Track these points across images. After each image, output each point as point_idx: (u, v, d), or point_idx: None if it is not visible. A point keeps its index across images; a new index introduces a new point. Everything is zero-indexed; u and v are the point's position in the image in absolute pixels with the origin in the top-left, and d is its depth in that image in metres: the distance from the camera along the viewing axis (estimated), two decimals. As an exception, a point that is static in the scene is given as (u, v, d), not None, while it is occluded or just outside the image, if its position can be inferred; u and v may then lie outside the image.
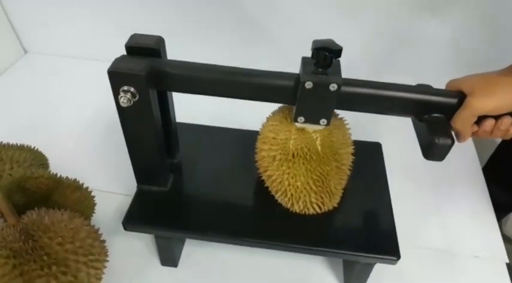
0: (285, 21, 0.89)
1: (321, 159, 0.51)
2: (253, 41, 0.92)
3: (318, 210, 0.55)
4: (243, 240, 0.54)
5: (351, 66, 0.58)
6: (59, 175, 0.60)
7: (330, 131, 0.51)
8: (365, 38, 0.88)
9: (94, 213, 0.63)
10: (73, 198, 0.60)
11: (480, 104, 0.43)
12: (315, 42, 0.44)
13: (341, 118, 0.54)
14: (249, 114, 0.66)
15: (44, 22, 0.99)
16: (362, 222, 0.56)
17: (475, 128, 0.46)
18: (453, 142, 0.44)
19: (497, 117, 0.45)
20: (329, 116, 0.48)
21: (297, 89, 0.46)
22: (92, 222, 0.61)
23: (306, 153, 0.50)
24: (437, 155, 0.46)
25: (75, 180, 0.60)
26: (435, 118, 0.47)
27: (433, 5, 0.82)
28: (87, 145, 0.80)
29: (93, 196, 0.63)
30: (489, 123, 0.45)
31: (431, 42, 0.88)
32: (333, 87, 0.45)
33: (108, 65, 0.45)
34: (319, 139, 0.51)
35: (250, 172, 0.60)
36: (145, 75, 0.45)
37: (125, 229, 0.54)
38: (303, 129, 0.51)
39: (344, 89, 0.46)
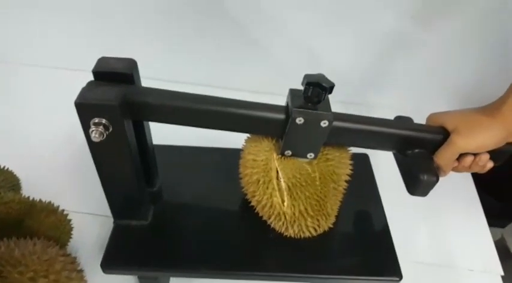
0: (272, 29, 0.86)
1: (316, 181, 0.49)
2: (240, 49, 0.88)
3: (314, 233, 0.53)
4: (238, 274, 0.51)
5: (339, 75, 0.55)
6: (32, 197, 0.56)
7: (323, 148, 0.50)
8: (353, 47, 0.86)
9: (71, 238, 0.59)
10: (47, 223, 0.56)
11: (464, 143, 0.46)
12: (306, 77, 0.43)
13: None
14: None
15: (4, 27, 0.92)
16: (359, 243, 0.54)
17: (455, 163, 0.49)
18: (437, 179, 0.46)
19: (475, 154, 0.48)
20: (317, 150, 0.48)
21: (286, 123, 0.45)
22: (69, 249, 0.57)
23: (300, 180, 0.48)
24: (421, 191, 0.48)
25: (49, 202, 0.57)
26: (419, 153, 0.48)
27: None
28: (63, 163, 0.75)
29: (70, 220, 0.59)
30: (469, 160, 0.48)
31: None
32: (324, 123, 0.44)
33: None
34: (314, 161, 0.49)
35: (237, 195, 0.57)
36: (119, 105, 0.41)
37: (104, 272, 0.50)
38: (283, 158, 0.49)
39: (334, 124, 0.45)
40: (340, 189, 0.52)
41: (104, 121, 0.42)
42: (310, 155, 0.48)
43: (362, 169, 0.63)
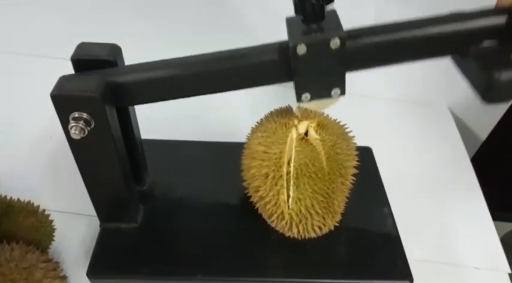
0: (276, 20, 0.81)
1: (326, 176, 0.45)
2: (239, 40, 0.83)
3: (319, 233, 0.49)
4: (238, 280, 0.47)
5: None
6: (8, 196, 0.52)
7: (334, 142, 0.46)
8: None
9: (53, 240, 0.55)
10: (27, 226, 0.52)
11: None
12: None
13: (343, 125, 0.49)
14: (226, 123, 0.60)
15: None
16: (366, 243, 0.51)
17: None
18: None
19: None
20: (342, 82, 0.39)
21: (289, 58, 0.37)
22: (51, 253, 0.53)
23: (311, 170, 0.44)
24: (501, 95, 0.35)
25: (28, 202, 0.53)
26: (485, 48, 0.36)
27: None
28: (43, 158, 0.70)
29: (52, 221, 0.55)
30: None
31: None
32: (335, 44, 0.35)
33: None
34: (323, 151, 0.45)
35: (235, 192, 0.54)
36: (100, 96, 0.37)
37: (91, 280, 0.46)
38: (305, 140, 0.45)
39: (351, 43, 0.36)
40: (347, 183, 0.48)
41: (84, 115, 0.38)
42: (336, 92, 0.39)
43: (366, 162, 0.59)
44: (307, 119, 0.47)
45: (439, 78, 0.81)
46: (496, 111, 0.82)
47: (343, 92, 0.39)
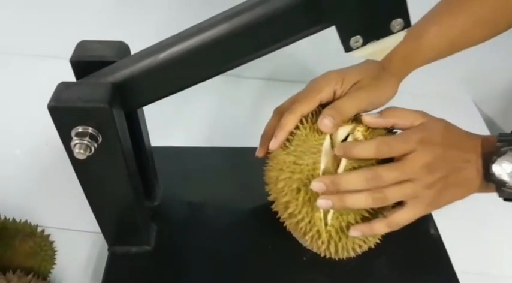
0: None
1: None
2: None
3: (358, 252, 0.45)
4: None
5: None
6: (2, 217, 0.49)
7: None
8: None
9: (55, 264, 0.51)
10: (24, 251, 0.48)
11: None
12: None
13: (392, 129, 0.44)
14: (242, 126, 0.57)
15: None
16: (410, 260, 0.47)
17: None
18: None
19: None
20: (403, 8, 0.30)
21: None
22: (53, 280, 0.50)
23: None
24: None
25: (25, 222, 0.49)
26: None
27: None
28: (39, 169, 0.65)
29: (52, 242, 0.51)
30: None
31: None
32: None
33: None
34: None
35: (257, 205, 0.50)
36: (109, 105, 0.31)
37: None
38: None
39: None
40: None
41: (90, 130, 0.32)
42: (398, 24, 0.30)
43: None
44: (347, 122, 0.42)
45: (464, 72, 0.79)
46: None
47: (407, 24, 0.30)
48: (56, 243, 0.51)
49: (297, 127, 0.42)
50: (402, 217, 0.39)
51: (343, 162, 0.39)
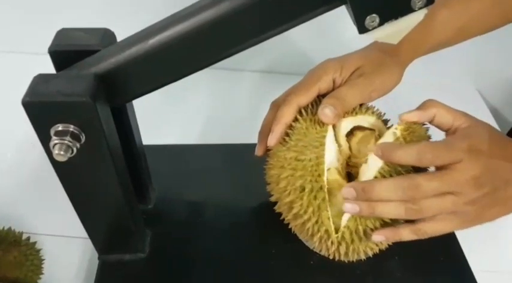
0: None
1: None
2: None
3: (369, 254, 0.42)
4: None
5: None
6: None
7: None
8: None
9: (42, 274, 0.49)
10: (7, 262, 0.46)
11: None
12: None
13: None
14: (241, 121, 0.55)
15: None
16: (425, 263, 0.45)
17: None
18: None
19: None
20: None
21: None
22: None
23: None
24: None
25: (9, 230, 0.48)
26: None
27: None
28: (25, 172, 0.63)
29: (39, 250, 0.49)
30: None
31: None
32: None
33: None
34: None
35: (258, 206, 0.48)
36: (93, 99, 0.28)
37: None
38: (355, 136, 0.39)
39: None
40: None
41: (71, 128, 0.29)
42: (419, 1, 0.28)
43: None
44: (351, 114, 0.39)
45: (468, 61, 0.78)
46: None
47: (429, 0, 0.27)
48: (43, 250, 0.48)
49: (296, 120, 0.40)
50: (432, 228, 0.35)
51: (375, 164, 0.36)
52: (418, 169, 0.36)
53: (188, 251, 0.45)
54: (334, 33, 0.72)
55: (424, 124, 0.39)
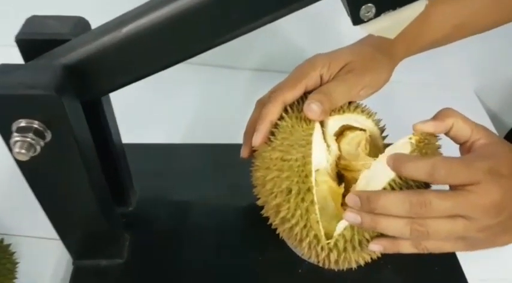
0: None
1: None
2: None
3: (361, 264, 0.40)
4: None
5: None
6: None
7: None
8: None
9: (16, 278, 0.47)
10: None
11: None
12: None
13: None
14: (229, 120, 0.52)
15: None
16: (420, 271, 0.43)
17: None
18: None
19: None
20: None
21: None
22: None
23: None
24: None
25: None
26: None
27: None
28: None
29: (13, 253, 0.47)
30: None
31: None
32: None
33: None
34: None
35: (244, 210, 0.47)
36: (58, 92, 0.26)
37: None
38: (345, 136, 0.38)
39: None
40: None
41: (35, 124, 0.26)
42: None
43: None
44: (339, 112, 0.38)
45: (466, 62, 0.77)
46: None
47: None
48: (18, 253, 0.46)
49: (281, 118, 0.38)
50: (435, 246, 0.33)
51: (385, 174, 0.34)
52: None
53: (169, 257, 0.43)
54: (328, 30, 0.71)
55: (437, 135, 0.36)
